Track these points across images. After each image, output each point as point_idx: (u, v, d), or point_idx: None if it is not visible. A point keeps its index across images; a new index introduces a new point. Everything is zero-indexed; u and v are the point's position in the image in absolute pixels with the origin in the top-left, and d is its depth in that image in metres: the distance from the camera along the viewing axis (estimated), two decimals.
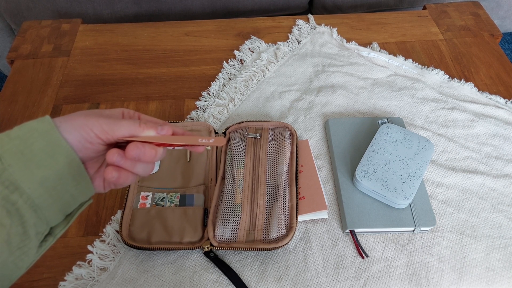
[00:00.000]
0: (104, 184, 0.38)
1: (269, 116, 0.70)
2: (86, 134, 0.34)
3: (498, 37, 0.86)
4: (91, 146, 0.34)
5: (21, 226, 0.31)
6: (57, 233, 0.35)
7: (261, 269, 0.53)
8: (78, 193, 0.35)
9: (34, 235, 0.32)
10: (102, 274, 0.52)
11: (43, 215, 0.32)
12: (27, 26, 0.86)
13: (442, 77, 0.77)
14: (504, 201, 0.60)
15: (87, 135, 0.34)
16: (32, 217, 0.31)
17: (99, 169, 0.38)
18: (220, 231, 0.53)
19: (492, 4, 1.48)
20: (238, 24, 0.88)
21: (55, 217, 0.34)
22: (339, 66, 0.78)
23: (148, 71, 0.78)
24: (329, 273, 0.53)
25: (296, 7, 1.24)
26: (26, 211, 0.31)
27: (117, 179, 0.35)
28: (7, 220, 0.30)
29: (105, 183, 0.38)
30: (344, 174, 0.61)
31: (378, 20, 0.89)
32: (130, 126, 0.35)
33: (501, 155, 0.65)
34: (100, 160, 0.38)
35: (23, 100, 0.73)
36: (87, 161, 0.35)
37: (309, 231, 0.56)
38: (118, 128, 0.35)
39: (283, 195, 0.56)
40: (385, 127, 0.63)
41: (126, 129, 0.35)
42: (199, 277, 0.52)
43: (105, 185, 0.38)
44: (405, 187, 0.56)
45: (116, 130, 0.35)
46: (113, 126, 0.35)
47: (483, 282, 0.52)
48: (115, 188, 0.39)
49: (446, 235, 0.56)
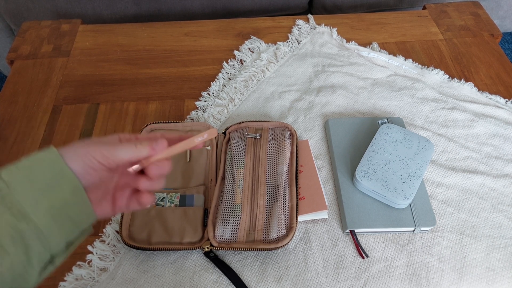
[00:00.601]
0: (129, 206, 0.41)
1: (269, 116, 0.70)
2: (89, 161, 0.36)
3: (498, 37, 0.86)
4: (94, 173, 0.36)
5: (25, 254, 0.32)
6: (57, 262, 0.35)
7: (261, 269, 0.53)
8: (80, 220, 0.36)
9: (37, 263, 0.33)
10: (102, 275, 0.52)
11: (47, 244, 0.33)
12: (27, 27, 0.86)
13: (442, 77, 0.77)
14: (504, 201, 0.60)
15: (90, 162, 0.36)
16: (37, 245, 0.32)
17: (105, 196, 0.40)
18: (220, 232, 0.53)
19: (492, 4, 1.48)
20: (238, 24, 0.88)
21: (58, 245, 0.34)
22: (339, 66, 0.78)
23: (148, 71, 0.78)
24: (329, 273, 0.53)
25: (296, 7, 1.24)
26: (32, 240, 0.32)
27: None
28: (12, 248, 0.31)
29: (131, 206, 0.41)
30: (344, 174, 0.61)
31: (378, 20, 0.89)
32: (128, 148, 0.38)
33: (501, 155, 0.65)
34: (102, 186, 0.40)
35: (23, 101, 0.73)
36: (90, 188, 0.37)
37: (309, 231, 0.56)
38: (118, 152, 0.37)
39: (283, 195, 0.56)
40: (385, 127, 0.63)
41: (125, 152, 0.37)
42: (199, 277, 0.52)
43: (131, 207, 0.41)
44: (405, 187, 0.56)
45: (116, 155, 0.37)
46: (113, 152, 0.37)
47: (483, 282, 0.52)
48: (139, 209, 0.43)
49: (446, 235, 0.56)
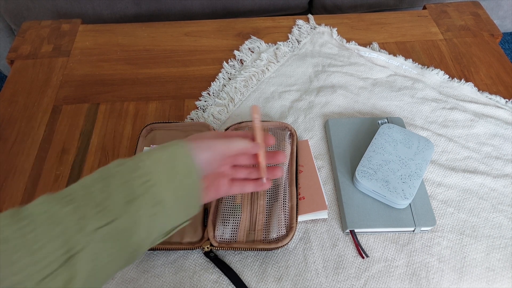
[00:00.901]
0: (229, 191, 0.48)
1: (269, 116, 0.70)
2: (211, 155, 0.41)
3: (498, 37, 0.86)
4: (212, 163, 0.42)
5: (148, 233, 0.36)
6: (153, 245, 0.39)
7: (261, 269, 0.53)
8: (193, 208, 0.41)
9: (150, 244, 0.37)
10: None
11: (165, 228, 0.38)
12: (27, 27, 0.86)
13: (442, 77, 0.77)
14: (504, 201, 0.60)
15: (211, 155, 0.41)
16: (158, 228, 0.37)
17: (212, 183, 0.46)
18: (220, 231, 0.53)
19: (492, 4, 1.48)
20: (238, 24, 0.88)
21: (166, 229, 0.38)
22: (339, 66, 0.78)
23: (148, 71, 0.78)
24: (329, 273, 0.53)
25: (296, 7, 1.24)
26: (157, 223, 0.36)
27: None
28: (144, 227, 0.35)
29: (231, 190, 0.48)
30: (344, 174, 0.61)
31: (378, 20, 0.89)
32: (241, 142, 0.44)
33: (501, 155, 0.65)
34: (211, 175, 0.45)
35: (23, 101, 0.73)
36: (203, 177, 0.42)
37: (309, 231, 0.56)
38: (233, 146, 0.43)
39: (283, 195, 0.56)
40: (385, 127, 0.63)
41: (239, 146, 0.44)
42: (199, 277, 0.52)
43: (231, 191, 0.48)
44: (405, 187, 0.56)
45: (232, 148, 0.43)
46: (229, 145, 0.43)
47: (483, 282, 0.52)
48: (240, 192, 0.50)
49: (446, 235, 0.56)
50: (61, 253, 0.31)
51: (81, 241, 0.31)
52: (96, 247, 0.32)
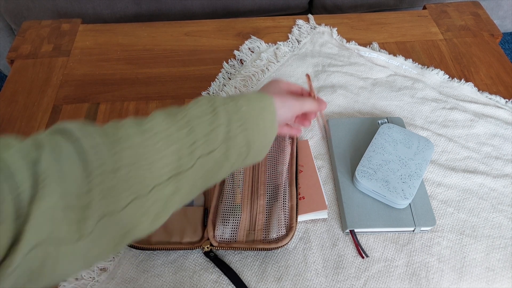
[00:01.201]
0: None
1: None
2: (288, 112, 0.48)
3: (498, 37, 0.86)
4: (287, 119, 0.49)
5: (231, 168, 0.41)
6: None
7: (261, 269, 0.53)
8: (261, 156, 0.46)
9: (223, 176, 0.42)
10: (102, 274, 0.52)
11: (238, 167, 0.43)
12: (27, 26, 0.86)
13: (442, 77, 0.77)
14: (504, 201, 0.60)
15: (289, 112, 0.48)
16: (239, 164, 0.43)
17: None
18: (220, 231, 0.53)
19: (492, 4, 1.48)
20: (238, 24, 0.88)
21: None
22: (339, 66, 0.78)
23: (148, 71, 0.78)
24: (329, 273, 0.53)
25: (296, 7, 1.24)
26: (242, 161, 0.42)
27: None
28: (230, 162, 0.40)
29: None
30: (344, 174, 0.61)
31: (378, 20, 0.89)
32: (311, 102, 0.52)
33: (501, 155, 0.65)
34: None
35: (23, 100, 0.73)
36: None
37: (309, 231, 0.56)
38: (306, 106, 0.51)
39: (283, 195, 0.56)
40: (385, 127, 0.63)
41: (309, 105, 0.51)
42: (199, 277, 0.52)
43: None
44: (405, 187, 0.56)
45: (304, 108, 0.51)
46: (303, 105, 0.50)
47: (483, 282, 0.52)
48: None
49: (446, 235, 0.56)
50: (173, 167, 0.35)
51: (189, 163, 0.36)
52: (196, 170, 0.37)
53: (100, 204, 0.31)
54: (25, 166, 0.28)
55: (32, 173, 0.28)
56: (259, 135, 0.43)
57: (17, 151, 0.28)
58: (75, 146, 0.31)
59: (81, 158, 0.31)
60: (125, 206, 0.32)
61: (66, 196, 0.29)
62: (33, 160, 0.29)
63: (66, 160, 0.30)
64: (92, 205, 0.30)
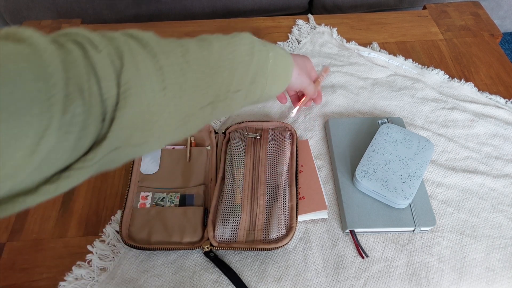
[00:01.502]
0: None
1: (269, 116, 0.70)
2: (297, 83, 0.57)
3: (498, 37, 0.86)
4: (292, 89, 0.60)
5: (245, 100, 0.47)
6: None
7: (261, 269, 0.53)
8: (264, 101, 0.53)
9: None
10: (102, 274, 0.52)
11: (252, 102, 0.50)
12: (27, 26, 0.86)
13: (442, 77, 0.77)
14: (504, 201, 0.60)
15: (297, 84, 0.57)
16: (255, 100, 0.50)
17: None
18: (220, 231, 0.53)
19: (492, 4, 1.48)
20: (238, 24, 0.88)
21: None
22: (339, 66, 0.78)
23: None
24: (329, 273, 0.53)
25: (296, 7, 1.24)
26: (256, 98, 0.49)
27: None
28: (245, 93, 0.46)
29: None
30: (344, 174, 0.60)
31: (378, 20, 0.89)
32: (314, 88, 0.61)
33: (501, 155, 0.65)
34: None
35: None
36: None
37: (309, 231, 0.56)
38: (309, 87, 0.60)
39: (283, 195, 0.56)
40: (385, 127, 0.63)
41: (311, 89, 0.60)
42: (199, 277, 0.52)
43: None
44: (405, 187, 0.56)
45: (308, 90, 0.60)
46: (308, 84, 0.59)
47: (483, 282, 0.52)
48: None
49: (446, 235, 0.56)
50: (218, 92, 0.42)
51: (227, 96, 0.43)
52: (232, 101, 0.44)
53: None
54: (111, 74, 0.31)
55: (117, 83, 0.32)
56: (270, 90, 0.50)
57: (104, 57, 0.31)
58: (153, 63, 0.35)
59: (158, 74, 0.35)
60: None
61: (143, 107, 0.34)
62: (117, 69, 0.32)
63: (146, 77, 0.34)
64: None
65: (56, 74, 0.27)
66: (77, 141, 0.29)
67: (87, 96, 0.29)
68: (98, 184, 0.61)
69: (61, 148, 0.28)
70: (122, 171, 0.63)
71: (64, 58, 0.29)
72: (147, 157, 0.61)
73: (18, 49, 0.27)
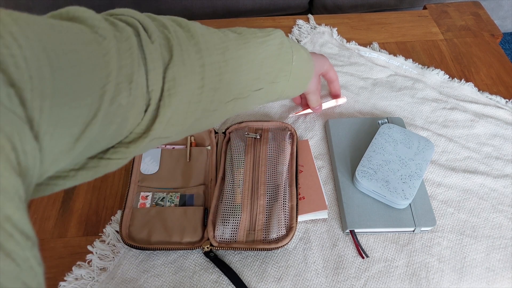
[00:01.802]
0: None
1: (269, 116, 0.70)
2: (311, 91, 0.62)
3: (498, 37, 0.86)
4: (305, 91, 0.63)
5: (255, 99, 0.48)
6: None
7: (261, 269, 0.53)
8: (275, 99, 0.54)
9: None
10: (102, 274, 0.52)
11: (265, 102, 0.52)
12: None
13: (443, 77, 0.77)
14: (505, 201, 0.59)
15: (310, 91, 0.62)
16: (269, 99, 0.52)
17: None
18: (220, 231, 0.53)
19: (492, 4, 1.48)
20: (238, 24, 0.87)
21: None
22: (339, 66, 0.78)
23: None
24: (329, 273, 0.53)
25: (296, 7, 1.24)
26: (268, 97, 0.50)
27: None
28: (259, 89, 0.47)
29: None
30: (344, 174, 0.60)
31: (378, 20, 0.89)
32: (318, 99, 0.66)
33: (501, 155, 0.65)
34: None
35: None
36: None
37: (309, 231, 0.56)
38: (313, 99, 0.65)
39: (283, 195, 0.56)
40: (385, 127, 0.63)
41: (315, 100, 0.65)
42: (199, 277, 0.52)
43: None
44: (405, 187, 0.56)
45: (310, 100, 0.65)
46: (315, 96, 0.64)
47: (483, 282, 0.52)
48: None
49: (446, 235, 0.56)
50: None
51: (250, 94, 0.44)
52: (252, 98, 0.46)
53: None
54: (160, 67, 0.32)
55: (164, 76, 0.32)
56: (289, 92, 0.52)
57: (156, 49, 0.32)
58: (197, 59, 0.35)
59: (200, 71, 0.36)
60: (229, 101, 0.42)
61: (183, 105, 0.35)
62: (165, 62, 0.32)
63: (190, 74, 0.35)
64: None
65: (111, 63, 0.27)
66: (116, 131, 0.29)
67: (134, 87, 0.29)
68: (98, 184, 0.61)
69: (101, 137, 0.28)
70: (122, 171, 0.63)
71: (119, 46, 0.29)
72: (147, 157, 0.61)
73: (81, 32, 0.27)
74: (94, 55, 0.26)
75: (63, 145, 0.25)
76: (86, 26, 0.28)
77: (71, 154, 0.26)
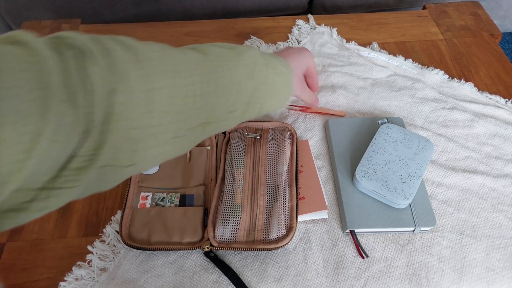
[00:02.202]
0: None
1: (269, 116, 0.70)
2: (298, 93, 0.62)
3: (498, 37, 0.86)
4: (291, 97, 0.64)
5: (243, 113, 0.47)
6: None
7: (261, 269, 0.53)
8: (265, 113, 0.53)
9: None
10: (102, 275, 0.52)
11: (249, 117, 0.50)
12: (27, 26, 0.86)
13: (442, 77, 0.77)
14: (504, 201, 0.60)
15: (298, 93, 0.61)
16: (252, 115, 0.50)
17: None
18: (220, 231, 0.53)
19: (492, 4, 1.48)
20: (238, 24, 0.88)
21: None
22: (339, 66, 0.78)
23: None
24: (329, 273, 0.53)
25: (296, 7, 1.24)
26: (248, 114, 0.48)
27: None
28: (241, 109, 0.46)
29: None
30: (344, 174, 0.61)
31: (377, 20, 0.89)
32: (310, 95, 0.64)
33: (501, 155, 0.65)
34: None
35: None
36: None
37: (309, 231, 0.56)
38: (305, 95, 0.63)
39: (283, 195, 0.56)
40: (385, 127, 0.63)
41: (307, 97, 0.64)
42: (199, 277, 0.52)
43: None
44: (405, 187, 0.56)
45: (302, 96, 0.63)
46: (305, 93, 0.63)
47: (483, 282, 0.52)
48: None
49: (446, 235, 0.56)
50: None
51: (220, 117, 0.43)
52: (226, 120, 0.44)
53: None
54: (105, 89, 0.31)
55: (109, 99, 0.31)
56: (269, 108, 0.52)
57: (102, 70, 0.31)
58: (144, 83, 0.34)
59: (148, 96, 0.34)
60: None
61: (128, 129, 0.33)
62: (112, 85, 0.31)
63: (136, 97, 0.33)
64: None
65: (56, 83, 0.27)
66: (60, 151, 0.29)
67: (79, 107, 0.29)
68: None
69: (48, 158, 0.28)
70: None
71: (64, 67, 0.29)
72: None
73: (20, 54, 0.27)
74: (37, 75, 0.27)
75: (12, 163, 0.25)
76: (28, 49, 0.28)
77: (21, 174, 0.26)
